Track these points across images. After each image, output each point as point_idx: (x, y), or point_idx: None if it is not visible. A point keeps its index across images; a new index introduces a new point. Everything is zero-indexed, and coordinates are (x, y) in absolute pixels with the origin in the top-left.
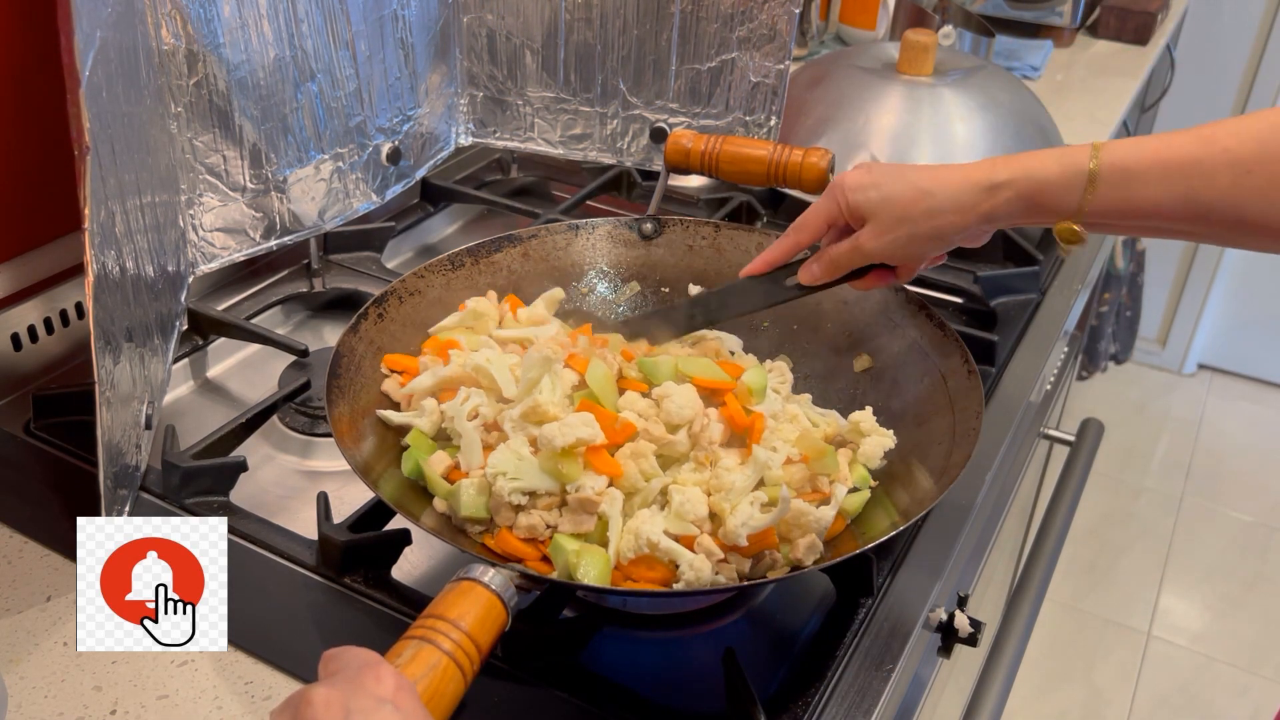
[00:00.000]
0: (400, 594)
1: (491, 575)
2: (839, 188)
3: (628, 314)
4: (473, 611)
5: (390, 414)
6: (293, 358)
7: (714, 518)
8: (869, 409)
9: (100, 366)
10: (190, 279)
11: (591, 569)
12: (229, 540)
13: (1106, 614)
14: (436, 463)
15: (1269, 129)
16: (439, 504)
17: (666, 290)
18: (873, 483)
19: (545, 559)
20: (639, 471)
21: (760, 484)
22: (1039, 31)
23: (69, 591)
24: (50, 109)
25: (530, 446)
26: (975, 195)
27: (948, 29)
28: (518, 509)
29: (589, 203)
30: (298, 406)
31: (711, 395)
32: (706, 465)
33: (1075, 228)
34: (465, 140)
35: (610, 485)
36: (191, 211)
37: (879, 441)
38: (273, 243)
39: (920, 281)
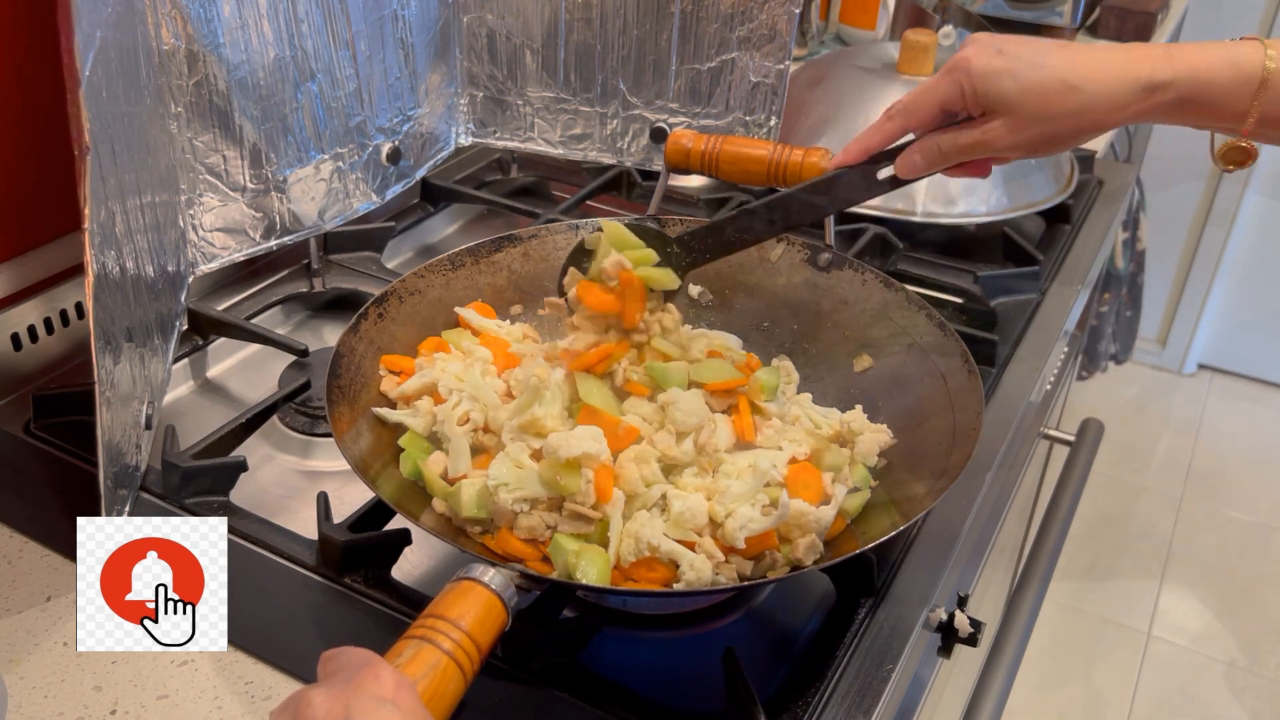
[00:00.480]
0: (400, 594)
1: (491, 575)
2: (964, 72)
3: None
4: (473, 611)
5: (385, 411)
6: (293, 358)
7: (714, 521)
8: (859, 408)
9: (100, 366)
10: (190, 279)
11: (591, 569)
12: (229, 540)
13: (1106, 614)
14: (435, 464)
15: None
16: (439, 504)
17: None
18: (872, 482)
19: (545, 559)
20: (640, 477)
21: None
22: (1039, 31)
23: (69, 591)
24: (50, 109)
25: (529, 453)
26: (1131, 95)
27: (948, 29)
28: (518, 512)
29: (589, 203)
30: (298, 406)
31: (718, 400)
32: (709, 471)
33: (1243, 144)
34: (465, 140)
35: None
36: (191, 211)
37: (874, 438)
38: (273, 243)
39: (920, 281)
